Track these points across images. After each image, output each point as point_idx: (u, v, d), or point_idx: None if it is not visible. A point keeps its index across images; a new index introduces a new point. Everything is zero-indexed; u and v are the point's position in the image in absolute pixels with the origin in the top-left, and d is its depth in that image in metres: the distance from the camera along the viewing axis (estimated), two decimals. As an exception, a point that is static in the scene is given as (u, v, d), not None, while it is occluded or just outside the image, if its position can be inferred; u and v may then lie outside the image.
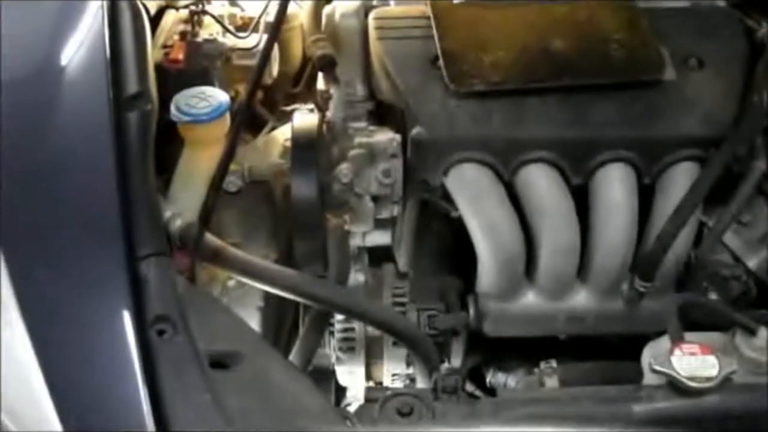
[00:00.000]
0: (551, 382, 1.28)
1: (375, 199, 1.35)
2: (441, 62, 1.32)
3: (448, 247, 1.52)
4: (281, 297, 1.29)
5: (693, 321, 1.19)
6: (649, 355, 1.11)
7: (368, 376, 1.52)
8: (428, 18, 1.38)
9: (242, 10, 1.71)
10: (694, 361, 1.02)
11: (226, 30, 1.58)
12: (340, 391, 1.64)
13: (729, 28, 1.43)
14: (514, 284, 1.33)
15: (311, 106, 1.49)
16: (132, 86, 1.23)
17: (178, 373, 0.97)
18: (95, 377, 0.98)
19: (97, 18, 1.26)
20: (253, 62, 1.54)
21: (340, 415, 1.01)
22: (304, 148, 1.27)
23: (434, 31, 1.36)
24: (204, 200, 1.16)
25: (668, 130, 1.31)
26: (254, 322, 1.41)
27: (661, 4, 1.48)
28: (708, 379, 1.01)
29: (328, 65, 1.42)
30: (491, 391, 1.55)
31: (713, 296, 1.37)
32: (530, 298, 1.35)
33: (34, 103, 1.19)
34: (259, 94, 1.70)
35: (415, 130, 1.29)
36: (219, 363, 1.00)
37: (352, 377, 1.53)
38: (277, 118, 1.58)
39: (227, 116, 1.32)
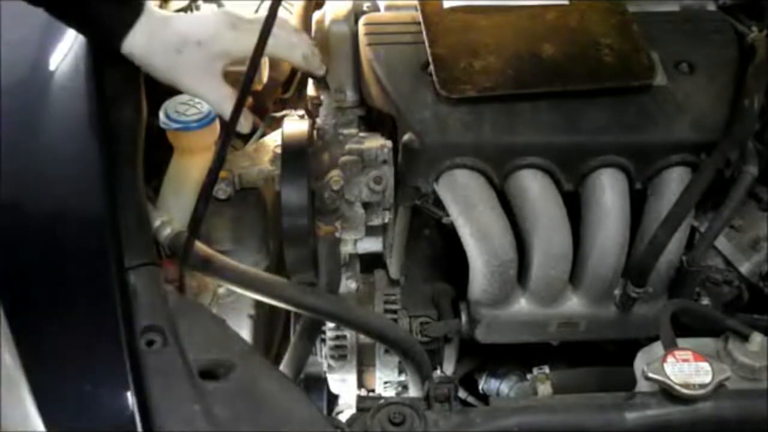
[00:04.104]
0: (544, 389, 1.28)
1: (366, 205, 1.34)
2: (432, 68, 1.31)
3: (440, 254, 1.52)
4: (272, 305, 1.28)
5: (685, 326, 1.19)
6: (642, 361, 1.11)
7: (360, 384, 1.51)
8: (419, 23, 1.38)
9: (231, 15, 1.69)
10: (687, 367, 1.02)
11: (216, 36, 1.57)
12: (332, 398, 1.63)
13: (720, 33, 1.43)
14: (506, 291, 1.33)
15: (301, 112, 1.48)
16: (120, 93, 1.23)
17: (167, 384, 0.97)
18: (83, 387, 0.97)
19: (85, 24, 1.25)
20: (242, 68, 1.53)
21: (331, 424, 1.00)
22: (294, 154, 1.26)
23: (425, 36, 1.35)
24: (194, 208, 1.15)
25: (660, 135, 1.31)
26: (245, 331, 1.40)
27: (652, 8, 1.48)
28: (701, 385, 1.01)
29: (318, 71, 1.41)
30: (484, 398, 1.55)
31: (706, 301, 1.38)
32: (523, 305, 1.35)
33: (21, 109, 1.19)
34: (249, 101, 1.70)
35: (406, 137, 1.29)
36: (209, 373, 1.00)
37: (343, 385, 1.52)
38: (267, 125, 1.57)
39: (217, 123, 1.32)
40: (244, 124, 1.30)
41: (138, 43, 1.20)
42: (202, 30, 1.23)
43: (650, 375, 1.03)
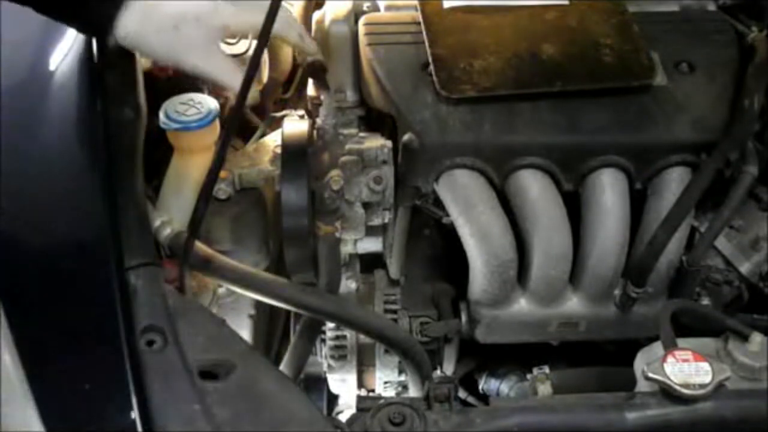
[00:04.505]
0: (544, 389, 1.28)
1: (366, 205, 1.34)
2: (432, 68, 1.32)
3: (440, 254, 1.52)
4: (272, 305, 1.28)
5: (685, 326, 1.19)
6: (642, 361, 1.11)
7: (360, 384, 1.51)
8: (419, 23, 1.38)
9: (232, 15, 1.69)
10: (687, 367, 1.02)
11: (216, 36, 1.57)
12: (332, 398, 1.63)
13: (719, 33, 1.43)
14: (506, 291, 1.33)
15: (301, 112, 1.48)
16: (120, 93, 1.22)
17: (167, 384, 0.97)
18: (83, 387, 0.97)
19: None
20: (242, 68, 1.53)
21: (331, 424, 1.00)
22: (294, 154, 1.26)
23: (425, 36, 1.35)
24: (194, 208, 1.15)
25: (660, 135, 1.31)
26: (245, 331, 1.41)
27: (652, 8, 1.48)
28: (701, 385, 1.01)
29: (318, 71, 1.42)
30: (484, 398, 1.55)
31: (706, 301, 1.38)
32: (522, 305, 1.35)
33: (21, 109, 1.18)
34: (249, 101, 1.69)
35: (406, 137, 1.29)
36: (209, 373, 1.00)
37: (343, 385, 1.52)
38: (268, 125, 1.57)
39: (217, 123, 1.31)
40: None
41: (131, 24, 1.16)
42: (200, 5, 1.20)
43: (650, 375, 1.02)
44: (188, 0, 1.22)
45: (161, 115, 1.29)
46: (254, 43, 1.54)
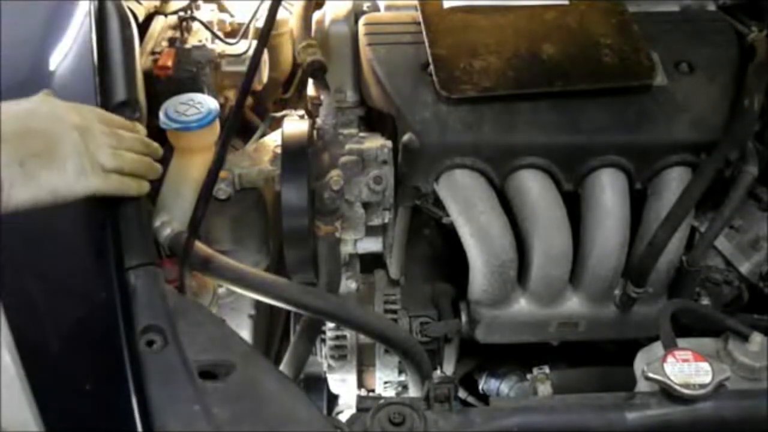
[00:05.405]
0: (544, 389, 1.28)
1: (366, 205, 1.34)
2: (432, 68, 1.32)
3: (440, 254, 1.52)
4: (272, 305, 1.28)
5: (685, 326, 1.19)
6: (642, 361, 1.11)
7: (360, 384, 1.51)
8: (419, 24, 1.38)
9: (231, 16, 1.70)
10: (687, 367, 1.02)
11: (215, 36, 1.58)
12: (332, 398, 1.63)
13: (719, 33, 1.44)
14: (506, 291, 1.33)
15: (301, 112, 1.48)
16: (120, 93, 1.22)
17: (167, 384, 0.97)
18: (83, 387, 0.97)
19: (85, 24, 1.26)
20: (242, 68, 1.54)
21: (331, 424, 1.00)
22: (294, 154, 1.26)
23: (425, 36, 1.35)
24: (194, 208, 1.15)
25: (659, 135, 1.31)
26: (245, 331, 1.41)
27: (652, 8, 1.48)
28: (701, 385, 1.01)
29: (318, 71, 1.41)
30: (484, 398, 1.55)
31: (706, 301, 1.38)
32: (522, 305, 1.35)
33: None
34: (249, 101, 1.70)
35: (406, 137, 1.29)
36: (209, 373, 1.00)
37: (344, 385, 1.52)
38: (268, 125, 1.57)
39: (217, 123, 1.31)
40: None
41: None
42: None
43: (650, 375, 1.02)
44: None
45: (161, 115, 1.29)
46: (254, 43, 1.55)
